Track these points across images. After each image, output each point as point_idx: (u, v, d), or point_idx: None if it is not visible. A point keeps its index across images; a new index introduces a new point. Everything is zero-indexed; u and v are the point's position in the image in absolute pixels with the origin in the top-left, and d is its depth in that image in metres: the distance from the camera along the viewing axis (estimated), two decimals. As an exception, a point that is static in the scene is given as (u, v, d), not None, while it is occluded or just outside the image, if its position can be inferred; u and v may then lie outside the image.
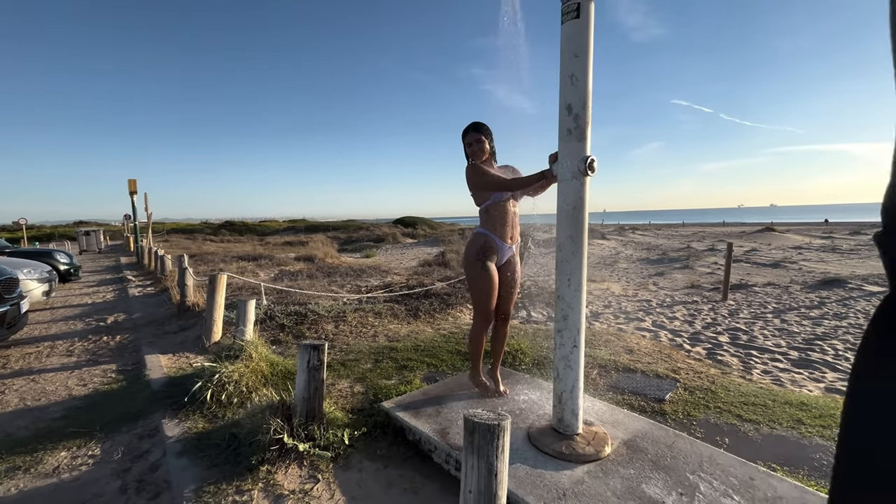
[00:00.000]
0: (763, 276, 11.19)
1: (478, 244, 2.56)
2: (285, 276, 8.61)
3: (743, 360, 4.51)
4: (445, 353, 3.86)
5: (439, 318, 5.53)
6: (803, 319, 6.37)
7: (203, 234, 39.10)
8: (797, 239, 22.46)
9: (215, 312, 4.38)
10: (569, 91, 1.98)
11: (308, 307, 5.19)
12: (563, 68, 2.00)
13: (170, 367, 3.82)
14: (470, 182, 2.54)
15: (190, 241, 26.97)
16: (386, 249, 22.98)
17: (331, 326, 4.81)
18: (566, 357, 2.10)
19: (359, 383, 3.21)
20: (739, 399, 2.84)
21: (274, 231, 41.96)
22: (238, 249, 18.67)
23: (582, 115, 1.98)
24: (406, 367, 3.48)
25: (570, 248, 2.05)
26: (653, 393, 2.90)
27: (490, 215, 2.54)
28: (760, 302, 7.80)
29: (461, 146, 2.61)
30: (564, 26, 1.99)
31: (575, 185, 2.02)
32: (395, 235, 29.12)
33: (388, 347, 4.04)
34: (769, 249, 18.37)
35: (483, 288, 2.54)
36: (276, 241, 26.25)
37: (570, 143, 2.01)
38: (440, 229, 35.01)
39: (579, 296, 2.07)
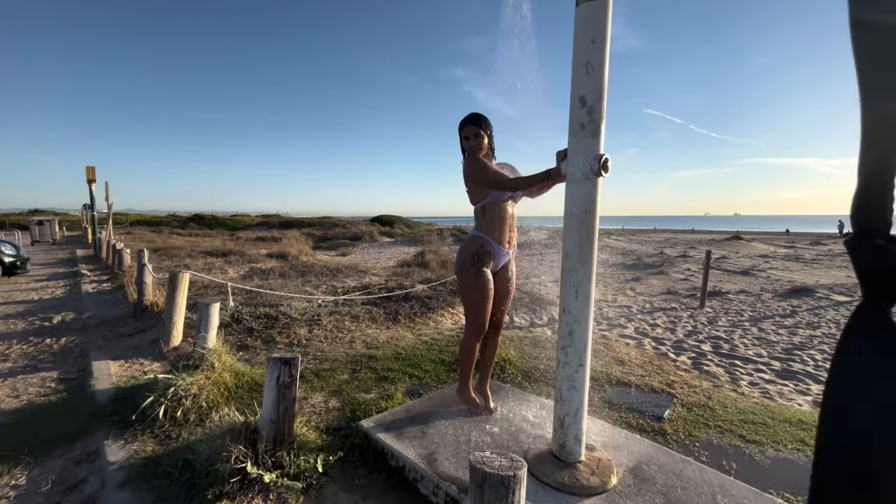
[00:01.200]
0: (735, 284, 11.44)
1: (473, 248, 2.32)
2: (256, 274, 8.15)
3: (728, 370, 4.46)
4: (428, 362, 3.61)
5: (420, 323, 5.27)
6: (779, 328, 6.45)
7: (170, 226, 37.38)
8: (763, 248, 23.31)
9: (175, 314, 3.98)
10: (583, 81, 1.77)
11: (280, 309, 4.84)
12: (576, 55, 1.79)
13: (120, 376, 3.42)
14: (468, 176, 2.31)
15: (155, 234, 25.66)
16: (363, 248, 22.50)
17: (304, 331, 4.48)
18: (571, 377, 1.89)
19: (334, 397, 2.92)
20: (738, 416, 2.72)
21: (246, 226, 40.59)
22: (206, 244, 17.82)
23: (597, 109, 1.77)
24: (386, 379, 3.21)
25: (578, 256, 1.84)
26: (650, 410, 2.74)
27: (487, 216, 2.31)
28: (736, 310, 7.89)
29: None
30: (580, 8, 1.78)
31: (586, 186, 1.82)
32: (373, 234, 28.62)
33: (367, 356, 3.75)
34: (738, 257, 18.95)
35: (478, 296, 2.31)
36: (247, 236, 25.30)
37: (582, 139, 1.80)
38: (418, 229, 34.67)
39: (587, 309, 1.87)
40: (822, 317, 7.33)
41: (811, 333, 6.15)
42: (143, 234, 24.95)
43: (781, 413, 2.83)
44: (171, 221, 43.06)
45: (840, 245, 24.97)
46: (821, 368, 4.58)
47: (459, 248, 2.40)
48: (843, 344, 0.53)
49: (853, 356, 0.52)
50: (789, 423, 2.65)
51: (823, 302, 8.64)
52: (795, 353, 5.18)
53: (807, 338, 5.90)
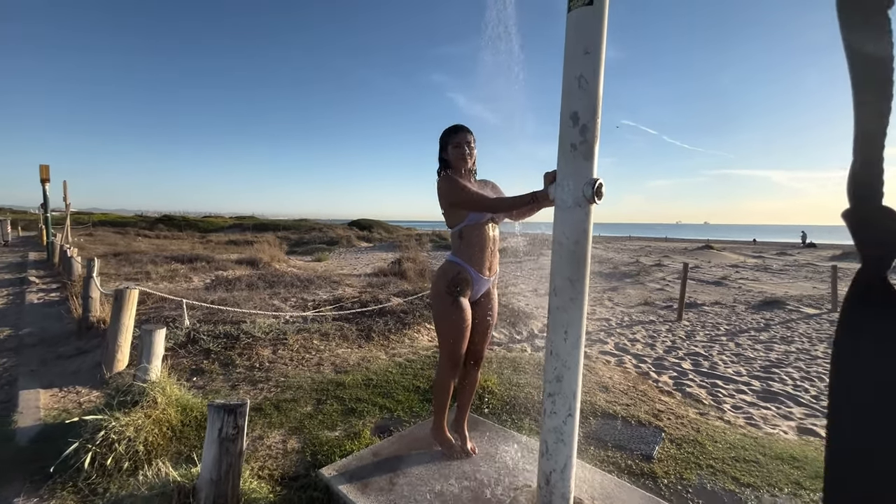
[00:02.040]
0: (709, 295, 11.60)
1: (448, 276, 2.09)
2: (221, 283, 7.69)
3: (710, 391, 4.37)
4: (401, 390, 3.34)
5: (394, 341, 5.00)
6: (755, 343, 6.46)
7: (136, 228, 35.70)
8: (733, 257, 23.96)
9: (121, 336, 3.59)
10: (575, 96, 1.57)
11: (242, 327, 4.47)
12: (568, 67, 1.59)
13: (50, 410, 3.02)
14: (443, 197, 2.08)
15: (119, 237, 24.40)
16: (339, 253, 21.97)
17: (268, 352, 4.14)
18: (558, 429, 1.67)
19: (295, 436, 2.62)
20: (729, 453, 2.57)
21: (218, 228, 39.20)
22: (174, 248, 17.02)
23: (591, 127, 1.57)
24: (354, 412, 2.93)
25: (568, 293, 1.63)
26: (638, 447, 2.56)
27: (465, 240, 2.08)
28: (712, 323, 7.92)
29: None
30: (572, 15, 1.58)
31: (578, 214, 1.61)
32: (350, 238, 28.04)
33: (335, 382, 3.45)
34: (710, 267, 19.39)
35: (452, 328, 2.07)
36: (219, 239, 24.36)
37: (574, 160, 1.59)
38: (397, 233, 34.25)
39: (577, 353, 1.66)
40: (794, 330, 7.42)
41: (786, 349, 6.18)
42: (106, 236, 23.68)
43: (772, 447, 2.70)
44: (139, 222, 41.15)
45: (804, 255, 25.93)
46: (800, 388, 4.54)
47: (434, 275, 2.16)
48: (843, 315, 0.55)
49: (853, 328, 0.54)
50: (781, 461, 2.52)
51: (794, 315, 8.80)
52: (773, 370, 5.15)
53: (783, 353, 5.92)
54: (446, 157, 2.13)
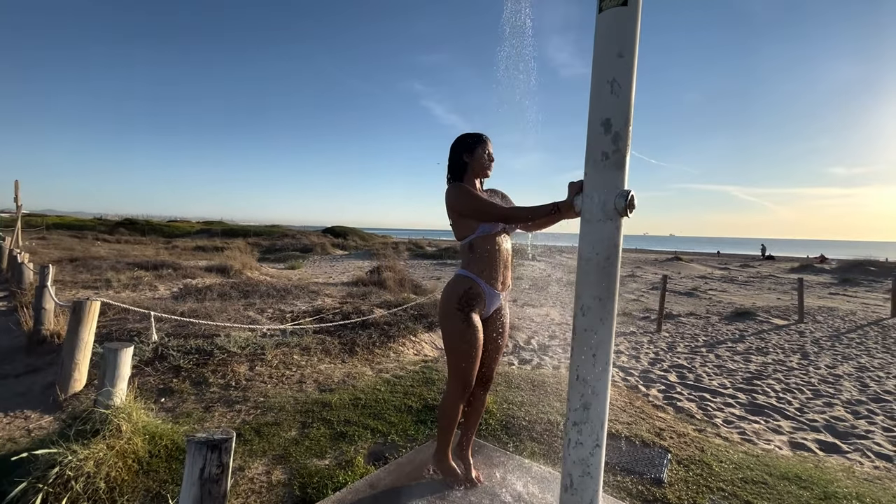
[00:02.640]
0: (683, 306, 11.88)
1: (459, 290, 1.94)
2: (191, 292, 7.24)
3: (700, 405, 4.36)
4: (393, 410, 3.14)
5: (379, 355, 4.77)
6: (734, 354, 6.58)
7: (95, 231, 33.75)
8: (701, 269, 24.84)
9: (78, 353, 3.24)
10: (608, 102, 1.46)
11: (215, 341, 4.15)
12: (598, 71, 1.49)
13: (-8, 439, 2.65)
14: (454, 207, 1.93)
15: (75, 241, 22.95)
16: (314, 261, 21.41)
17: (244, 368, 3.84)
18: (585, 461, 1.54)
19: (280, 465, 2.38)
20: (736, 474, 2.50)
21: (185, 233, 37.62)
22: (136, 253, 16.10)
23: (623, 135, 1.47)
24: (344, 437, 2.71)
25: (597, 313, 1.50)
26: (647, 470, 2.46)
27: (477, 253, 1.94)
28: (690, 334, 8.06)
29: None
30: (604, 15, 1.48)
31: (608, 228, 1.49)
32: (325, 245, 27.46)
33: (320, 402, 3.21)
34: (680, 278, 19.98)
35: (464, 347, 1.92)
36: (185, 244, 23.29)
37: (605, 171, 1.48)
38: (372, 241, 33.80)
39: (606, 378, 1.53)
40: (767, 341, 7.63)
41: (763, 360, 6.31)
42: (61, 241, 22.23)
43: (776, 466, 2.66)
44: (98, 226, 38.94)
45: (766, 267, 27.17)
46: (783, 401, 4.60)
47: (444, 291, 2.01)
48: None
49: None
50: (788, 481, 2.47)
51: (765, 325, 9.08)
52: (755, 382, 5.23)
53: (761, 365, 6.03)
54: (470, 162, 1.99)
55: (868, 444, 3.58)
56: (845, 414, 4.29)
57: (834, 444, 3.57)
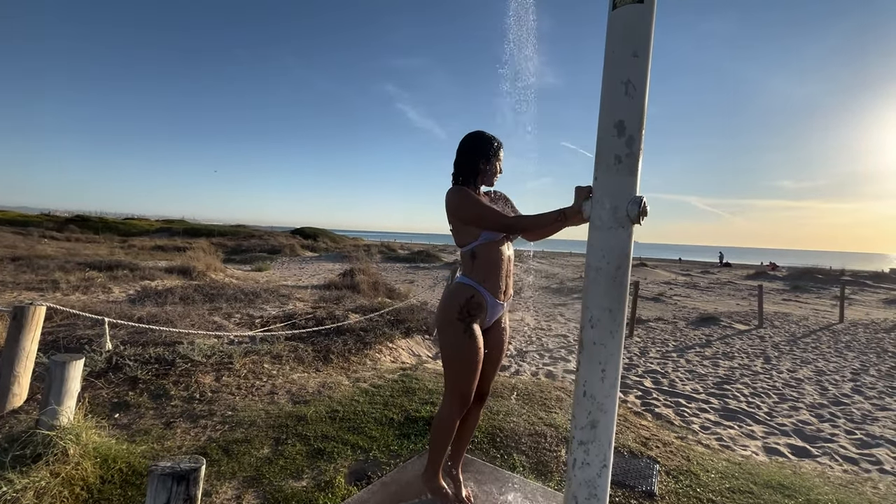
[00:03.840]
0: (650, 311, 12.20)
1: (460, 300, 1.82)
2: (149, 295, 6.77)
3: (676, 411, 4.42)
4: (373, 423, 2.97)
5: (355, 363, 4.58)
6: (703, 360, 6.76)
7: (42, 228, 31.38)
8: (665, 275, 25.75)
9: (18, 365, 2.89)
10: (621, 104, 1.39)
11: (177, 349, 3.85)
12: (611, 72, 1.41)
13: None
14: (456, 212, 1.82)
15: (19, 238, 21.19)
16: (282, 262, 20.72)
17: (210, 379, 3.57)
18: (591, 482, 1.45)
19: (251, 489, 2.17)
20: (723, 484, 2.50)
21: (143, 231, 35.56)
22: (88, 253, 15.02)
23: (637, 139, 1.40)
24: (322, 454, 2.52)
25: (607, 325, 1.42)
26: (637, 482, 2.41)
27: (478, 261, 1.83)
28: (661, 339, 8.25)
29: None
30: (617, 13, 1.41)
31: (620, 235, 1.42)
32: (294, 247, 26.65)
33: (294, 416, 3.00)
34: (646, 283, 20.59)
35: (464, 359, 1.80)
36: (143, 244, 22.00)
37: (617, 175, 1.41)
38: (343, 243, 33.17)
39: (614, 394, 1.45)
40: (732, 346, 7.90)
41: (730, 365, 6.51)
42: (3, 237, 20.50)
43: (758, 474, 2.68)
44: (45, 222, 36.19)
45: (724, 274, 28.54)
46: (752, 405, 4.73)
47: (442, 299, 1.89)
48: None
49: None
50: (773, 489, 2.49)
51: (728, 331, 9.43)
52: (725, 386, 5.37)
53: (728, 370, 6.21)
54: (485, 169, 1.88)
55: (835, 447, 3.71)
56: (810, 417, 4.46)
57: (804, 448, 3.68)
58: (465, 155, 1.90)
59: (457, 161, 1.91)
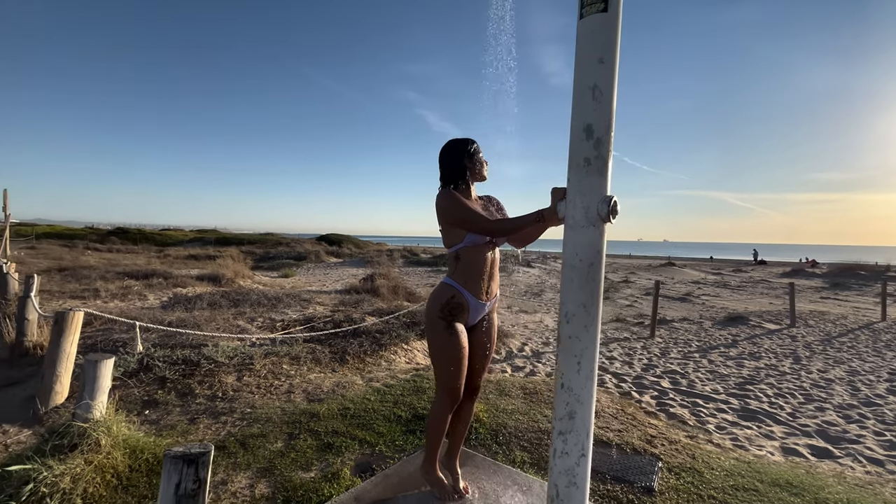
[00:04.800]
0: (676, 311, 11.90)
1: (442, 299, 1.92)
2: (180, 302, 7.15)
3: (693, 411, 4.35)
4: (382, 420, 3.09)
5: (370, 363, 4.73)
6: (727, 360, 6.58)
7: (86, 241, 33.36)
8: (694, 274, 24.96)
9: (60, 365, 3.17)
10: (589, 108, 1.46)
11: (202, 351, 4.09)
12: (580, 77, 1.48)
13: (-33, 454, 2.57)
14: (444, 214, 1.91)
15: (65, 250, 22.66)
16: (308, 269, 21.29)
17: (231, 379, 3.78)
18: (570, 470, 1.51)
19: (264, 478, 2.33)
20: (727, 482, 2.48)
21: (178, 242, 37.26)
22: (127, 263, 15.92)
23: (605, 141, 1.46)
24: (331, 448, 2.66)
25: (581, 319, 1.48)
26: (637, 479, 2.43)
27: (462, 263, 1.92)
28: (684, 339, 8.06)
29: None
30: (585, 22, 1.48)
31: (591, 234, 1.48)
32: (319, 253, 27.30)
33: (308, 413, 3.16)
34: (674, 283, 20.05)
35: (449, 357, 1.89)
36: (178, 253, 23.09)
37: (587, 176, 1.47)
38: (367, 248, 33.73)
39: (591, 385, 1.51)
40: (760, 346, 7.64)
41: (756, 365, 6.32)
42: (51, 250, 21.94)
43: (767, 473, 2.64)
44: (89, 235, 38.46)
45: (758, 272, 27.39)
46: (775, 406, 4.60)
47: (428, 299, 1.98)
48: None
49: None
50: (780, 488, 2.45)
51: (757, 330, 9.11)
52: (748, 387, 5.22)
53: (753, 370, 6.03)
54: (465, 166, 1.98)
55: (860, 448, 3.58)
56: (837, 418, 4.29)
57: (826, 449, 3.56)
58: (450, 159, 1.99)
59: (442, 167, 2.00)
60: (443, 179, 2.01)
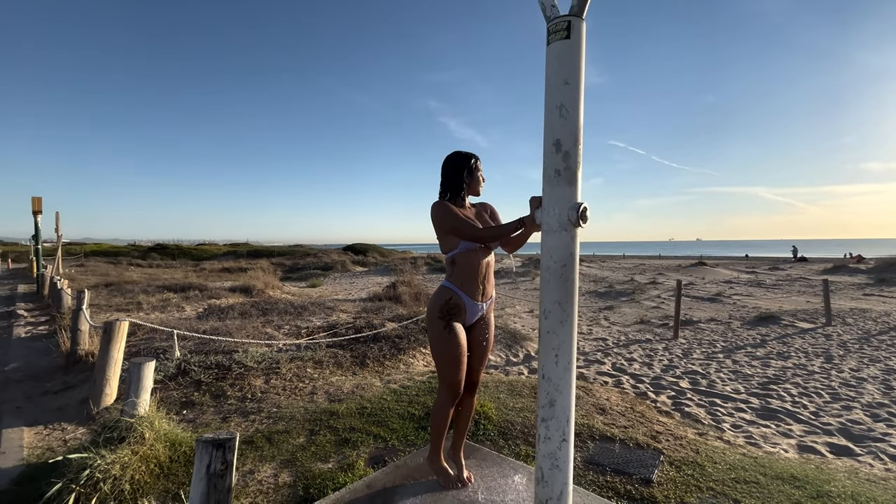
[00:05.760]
0: (704, 311, 11.60)
1: (441, 301, 2.10)
2: (214, 312, 7.61)
3: (709, 410, 4.33)
4: (396, 417, 3.29)
5: (389, 367, 4.94)
6: (752, 360, 6.44)
7: (129, 257, 35.46)
8: (726, 273, 24.10)
9: (109, 369, 3.53)
10: (557, 124, 1.62)
11: (234, 357, 4.41)
12: (549, 98, 1.65)
13: (34, 448, 2.93)
14: (438, 223, 2.10)
15: (111, 267, 24.19)
16: (334, 278, 21.89)
17: (260, 382, 4.07)
18: (553, 454, 1.65)
19: (286, 469, 2.56)
20: (729, 475, 2.53)
21: (212, 255, 39.01)
22: (166, 277, 16.87)
23: (573, 153, 1.62)
24: (348, 442, 2.87)
25: (557, 316, 1.63)
26: (637, 471, 2.51)
27: (458, 266, 2.10)
28: (709, 340, 7.91)
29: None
30: (551, 48, 1.65)
31: (563, 238, 1.64)
32: (345, 263, 27.99)
33: (328, 412, 3.39)
34: (704, 283, 19.44)
35: (448, 354, 2.06)
36: (212, 267, 24.20)
37: (558, 186, 1.63)
38: (391, 257, 34.27)
39: (569, 376, 1.65)
40: (790, 346, 7.41)
41: (783, 364, 6.16)
42: (98, 267, 23.48)
43: (772, 467, 2.66)
44: (131, 252, 40.86)
45: (796, 270, 26.13)
46: (798, 405, 4.51)
47: (429, 302, 2.17)
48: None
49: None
50: (782, 480, 2.48)
51: (789, 329, 8.81)
52: (771, 387, 5.13)
53: (780, 369, 5.89)
54: (469, 182, 2.16)
55: (883, 446, 3.50)
56: (863, 417, 4.18)
57: (846, 446, 3.50)
58: (451, 173, 2.17)
59: (443, 177, 2.19)
60: (441, 189, 2.20)
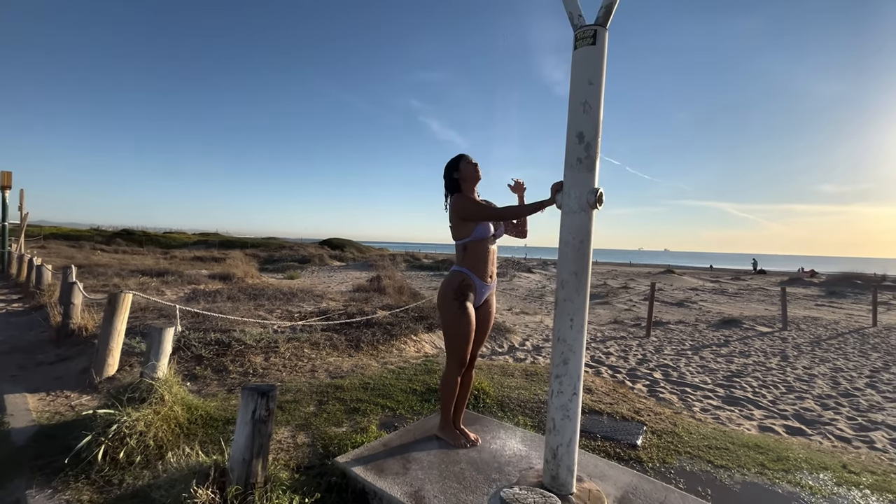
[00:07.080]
0: (672, 315, 12.25)
1: (455, 282, 2.33)
2: (200, 296, 7.54)
3: (681, 397, 4.71)
4: (399, 392, 3.47)
5: (383, 351, 5.10)
6: (717, 357, 6.94)
7: (92, 242, 33.89)
8: (693, 281, 25.28)
9: (112, 340, 3.55)
10: (581, 119, 1.87)
11: (232, 335, 4.48)
12: (574, 95, 1.90)
13: (41, 412, 2.96)
14: (458, 212, 2.33)
15: (74, 250, 23.10)
16: (312, 271, 21.68)
17: (260, 359, 4.16)
18: (565, 406, 1.89)
19: (302, 432, 2.71)
20: (703, 442, 2.85)
21: (182, 244, 37.76)
22: (137, 262, 16.32)
23: (593, 145, 1.87)
24: (357, 411, 3.04)
25: (573, 285, 1.88)
26: (624, 438, 2.80)
27: (469, 252, 2.35)
28: (678, 339, 8.42)
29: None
30: (578, 52, 1.89)
31: (582, 217, 1.88)
32: (322, 257, 27.70)
33: (333, 385, 3.54)
34: (672, 290, 20.38)
35: (461, 330, 2.30)
36: (183, 255, 23.50)
37: (579, 173, 1.88)
38: (369, 253, 34.12)
39: (581, 338, 1.90)
40: (751, 346, 8.00)
41: (745, 361, 6.68)
42: (61, 249, 22.39)
43: (739, 438, 3.01)
44: (94, 236, 39.01)
45: (756, 281, 27.72)
46: (759, 394, 4.96)
47: (442, 283, 2.40)
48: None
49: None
50: (748, 448, 2.82)
51: (750, 332, 9.46)
52: (735, 379, 5.58)
53: (742, 366, 6.39)
54: (460, 176, 2.39)
55: (831, 429, 3.94)
56: (814, 406, 4.65)
57: (800, 428, 3.92)
58: (445, 176, 2.45)
59: (447, 179, 2.44)
60: (445, 192, 2.46)
